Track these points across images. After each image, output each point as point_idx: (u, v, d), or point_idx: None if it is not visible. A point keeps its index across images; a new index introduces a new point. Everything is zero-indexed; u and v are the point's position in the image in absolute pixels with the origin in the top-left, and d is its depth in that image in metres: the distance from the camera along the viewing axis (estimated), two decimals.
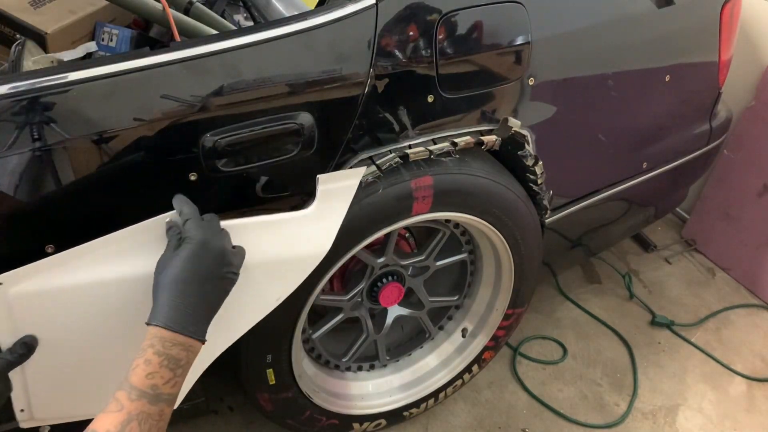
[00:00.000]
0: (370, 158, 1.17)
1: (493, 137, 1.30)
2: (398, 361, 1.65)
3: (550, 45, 1.30)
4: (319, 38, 1.05)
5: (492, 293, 1.61)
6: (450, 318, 1.68)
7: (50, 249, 0.94)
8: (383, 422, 1.61)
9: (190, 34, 1.35)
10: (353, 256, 1.29)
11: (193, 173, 1.01)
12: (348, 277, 1.46)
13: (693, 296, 2.26)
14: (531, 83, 1.30)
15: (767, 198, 2.17)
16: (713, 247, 2.41)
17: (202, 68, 0.97)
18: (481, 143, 1.29)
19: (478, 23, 1.20)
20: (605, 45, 1.41)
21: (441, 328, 1.68)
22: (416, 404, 1.63)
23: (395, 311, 1.56)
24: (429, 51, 1.15)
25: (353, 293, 1.43)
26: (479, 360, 1.67)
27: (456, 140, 1.24)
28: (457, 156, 1.28)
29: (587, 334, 2.06)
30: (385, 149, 1.18)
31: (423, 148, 1.21)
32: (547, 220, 1.54)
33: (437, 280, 1.59)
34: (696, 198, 2.41)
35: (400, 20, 1.11)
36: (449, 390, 1.68)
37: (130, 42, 1.47)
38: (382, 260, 1.40)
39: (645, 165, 1.70)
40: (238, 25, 1.60)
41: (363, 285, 1.44)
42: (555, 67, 1.34)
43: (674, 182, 1.90)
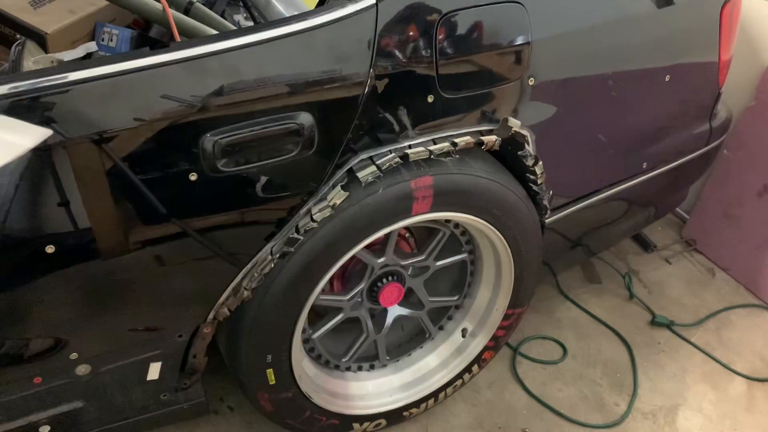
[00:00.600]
0: (370, 158, 1.17)
1: (493, 137, 1.30)
2: (398, 361, 1.65)
3: (550, 45, 1.30)
4: (319, 38, 1.05)
5: (492, 293, 1.61)
6: (450, 318, 1.68)
7: (50, 249, 0.94)
8: (383, 422, 1.61)
9: (190, 34, 1.35)
10: (353, 256, 1.29)
11: (193, 173, 1.01)
12: (348, 277, 1.46)
13: (693, 296, 2.26)
14: (531, 83, 1.30)
15: (767, 198, 2.17)
16: (713, 247, 2.41)
17: (202, 68, 0.97)
18: (481, 143, 1.29)
19: (478, 23, 1.20)
20: (605, 45, 1.41)
21: (441, 328, 1.68)
22: (416, 404, 1.63)
23: (395, 311, 1.56)
24: (429, 51, 1.15)
25: (353, 293, 1.43)
26: (479, 360, 1.67)
27: (456, 140, 1.24)
28: (457, 156, 1.28)
29: (587, 334, 2.06)
30: (385, 149, 1.18)
31: (423, 148, 1.21)
32: (547, 220, 1.54)
33: (437, 280, 1.59)
34: (696, 198, 2.41)
35: (400, 20, 1.11)
36: (449, 390, 1.68)
37: (130, 42, 1.47)
38: (382, 260, 1.40)
39: (645, 165, 1.70)
40: (238, 25, 1.60)
41: (363, 285, 1.44)
42: (555, 67, 1.34)
43: (674, 182, 1.90)
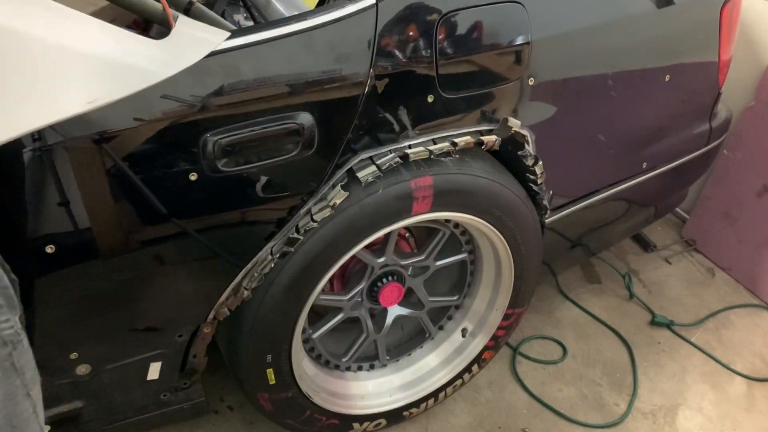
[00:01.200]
0: (370, 158, 1.17)
1: (493, 137, 1.30)
2: (398, 361, 1.65)
3: (550, 45, 1.30)
4: (319, 38, 1.05)
5: (492, 293, 1.61)
6: (450, 318, 1.68)
7: (50, 249, 0.94)
8: (383, 422, 1.61)
9: None
10: (353, 256, 1.29)
11: (193, 173, 1.01)
12: (348, 277, 1.46)
13: (693, 296, 2.26)
14: (531, 83, 1.30)
15: (767, 198, 2.17)
16: (713, 247, 2.41)
17: (202, 68, 0.97)
18: (481, 143, 1.29)
19: (478, 23, 1.20)
20: (605, 45, 1.41)
21: (441, 328, 1.68)
22: (416, 404, 1.63)
23: (395, 311, 1.56)
24: (429, 51, 1.15)
25: (353, 293, 1.43)
26: (479, 360, 1.67)
27: (456, 140, 1.24)
28: (457, 156, 1.28)
29: (587, 334, 2.06)
30: (385, 149, 1.18)
31: (423, 148, 1.21)
32: (547, 220, 1.54)
33: (437, 280, 1.59)
34: (696, 198, 2.41)
35: (400, 20, 1.11)
36: (449, 390, 1.68)
37: None
38: (382, 260, 1.40)
39: (645, 165, 1.70)
40: (238, 25, 1.60)
41: (363, 285, 1.44)
42: (555, 67, 1.34)
43: (674, 182, 1.90)
